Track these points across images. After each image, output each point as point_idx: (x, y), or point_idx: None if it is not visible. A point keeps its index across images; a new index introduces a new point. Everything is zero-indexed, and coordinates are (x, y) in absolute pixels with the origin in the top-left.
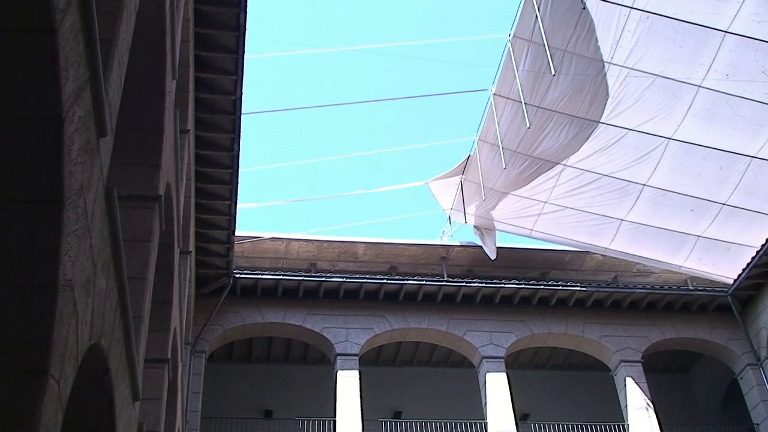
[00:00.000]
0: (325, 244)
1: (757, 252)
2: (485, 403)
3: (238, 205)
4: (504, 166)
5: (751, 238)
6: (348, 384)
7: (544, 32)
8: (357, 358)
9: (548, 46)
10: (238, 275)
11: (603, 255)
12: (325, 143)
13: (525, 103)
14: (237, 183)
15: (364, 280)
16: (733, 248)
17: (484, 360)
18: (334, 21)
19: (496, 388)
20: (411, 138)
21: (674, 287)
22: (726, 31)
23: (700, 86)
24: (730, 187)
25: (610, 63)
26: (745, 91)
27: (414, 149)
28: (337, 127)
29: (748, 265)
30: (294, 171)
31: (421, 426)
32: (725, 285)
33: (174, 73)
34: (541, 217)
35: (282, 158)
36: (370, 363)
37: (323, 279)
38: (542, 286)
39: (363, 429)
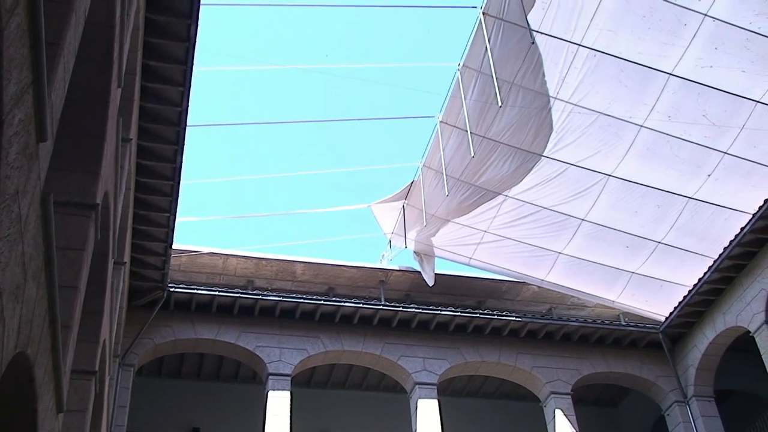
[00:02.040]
0: (263, 262)
1: (689, 291)
2: (415, 429)
3: (178, 218)
4: (447, 194)
5: (684, 277)
6: (278, 405)
7: (493, 63)
8: (289, 378)
9: (496, 78)
10: (172, 289)
11: (539, 286)
12: (270, 160)
13: (471, 133)
14: (177, 195)
15: (301, 300)
16: (666, 286)
17: (417, 386)
18: (287, 39)
19: (427, 414)
20: (356, 160)
21: (607, 322)
22: (670, 74)
23: (642, 126)
24: (666, 226)
25: (555, 98)
26: (686, 132)
27: (358, 171)
28: (282, 145)
29: (679, 303)
30: (236, 186)
31: None
32: (657, 322)
33: (120, 81)
34: (481, 245)
35: (225, 173)
36: (302, 384)
37: (259, 297)
38: (478, 315)
39: None
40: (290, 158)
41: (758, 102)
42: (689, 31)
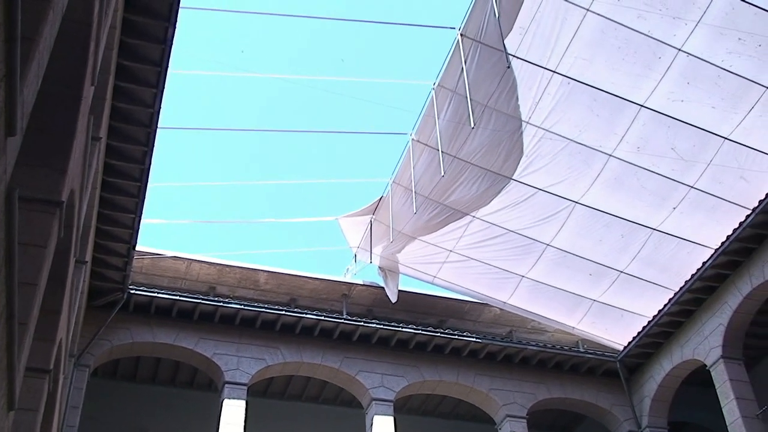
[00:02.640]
0: (226, 269)
1: (649, 322)
2: None
3: (143, 220)
4: (415, 211)
5: (645, 307)
6: (233, 414)
7: (468, 85)
8: (245, 388)
9: (470, 99)
10: (133, 291)
11: (501, 309)
12: (239, 167)
13: (442, 152)
14: (144, 197)
15: (262, 310)
16: (626, 316)
17: (374, 402)
18: (265, 47)
19: (383, 431)
20: (327, 172)
21: (566, 348)
22: (642, 105)
23: (611, 155)
24: (630, 256)
25: (527, 122)
26: (654, 165)
27: (327, 183)
28: (252, 153)
29: (639, 333)
30: (204, 191)
31: None
32: (615, 351)
33: (94, 79)
34: (446, 265)
35: (193, 177)
36: (258, 394)
37: (220, 304)
38: (438, 334)
39: None
40: (260, 166)
41: (726, 138)
42: (663, 64)
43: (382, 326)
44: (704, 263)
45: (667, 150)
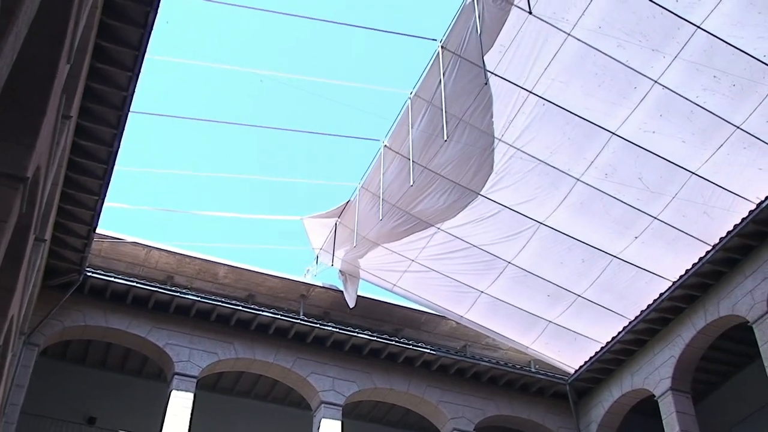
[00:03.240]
0: (186, 259)
1: (602, 348)
2: None
3: (106, 203)
4: (380, 218)
5: (599, 333)
6: (180, 405)
7: (445, 97)
8: (195, 380)
9: (446, 112)
10: (89, 273)
11: (457, 322)
12: (209, 158)
13: (413, 161)
14: (109, 180)
15: (219, 303)
16: (580, 339)
17: (323, 405)
18: (247, 42)
19: None
20: (297, 171)
21: (518, 366)
22: (613, 133)
23: (579, 179)
24: (588, 281)
25: (500, 140)
26: (620, 192)
27: (295, 183)
28: (224, 145)
29: (591, 358)
30: (171, 180)
31: None
32: (566, 373)
33: (70, 57)
34: (406, 274)
35: (161, 165)
36: (207, 388)
37: (177, 294)
38: (393, 342)
39: None
40: (230, 159)
41: (693, 173)
42: (638, 94)
43: (337, 330)
44: (661, 294)
45: (634, 179)
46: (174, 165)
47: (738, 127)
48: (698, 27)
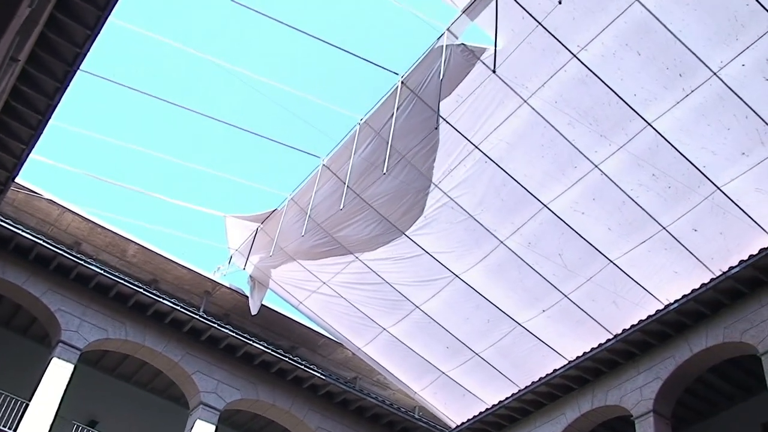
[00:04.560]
0: (98, 229)
1: (487, 409)
2: None
3: (32, 155)
4: (303, 234)
5: (487, 394)
6: (58, 375)
7: (393, 132)
8: (79, 353)
9: (390, 146)
10: None
11: (354, 353)
12: (150, 136)
13: (348, 186)
14: (41, 132)
15: (121, 281)
16: (468, 397)
17: (202, 406)
18: (224, 31)
19: None
20: (232, 168)
21: (402, 409)
22: (545, 205)
23: (502, 242)
24: (489, 342)
25: (436, 185)
26: (538, 264)
27: (227, 179)
28: (169, 127)
29: (474, 417)
30: (104, 148)
31: None
32: (447, 426)
33: (33, 1)
34: (315, 295)
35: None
36: (89, 363)
37: (81, 262)
38: (287, 359)
39: (52, 425)
40: (171, 142)
41: (611, 262)
42: (577, 174)
43: (233, 334)
44: (555, 370)
45: (554, 254)
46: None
47: (664, 228)
48: (649, 124)
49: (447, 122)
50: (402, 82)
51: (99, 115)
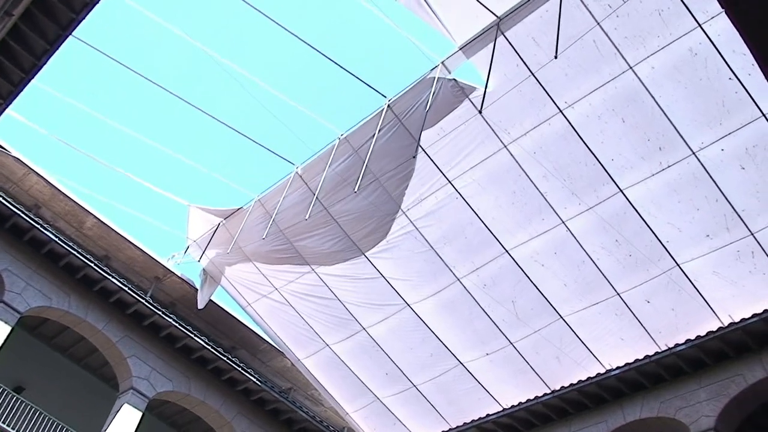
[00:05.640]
0: (60, 196)
1: None
2: (106, 429)
3: (8, 111)
4: (264, 237)
5: (417, 426)
6: None
7: (371, 152)
8: (18, 316)
9: (366, 166)
10: None
11: (293, 364)
12: (134, 116)
13: (317, 198)
14: (21, 90)
15: (74, 252)
16: (398, 426)
17: (132, 391)
18: (226, 26)
19: (126, 421)
20: (205, 159)
21: (331, 428)
22: (507, 251)
23: (459, 279)
24: (428, 376)
25: (404, 212)
26: (490, 307)
27: (200, 171)
28: (154, 109)
29: None
30: (86, 120)
31: (32, 413)
32: None
33: None
34: (265, 299)
35: (84, 101)
36: (27, 328)
37: (37, 226)
38: (225, 358)
39: None
40: (152, 125)
41: (561, 318)
42: (543, 226)
43: (176, 325)
44: (488, 415)
45: (507, 300)
46: (96, 108)
47: (618, 294)
48: (621, 191)
49: (425, 153)
50: (388, 106)
51: (87, 87)
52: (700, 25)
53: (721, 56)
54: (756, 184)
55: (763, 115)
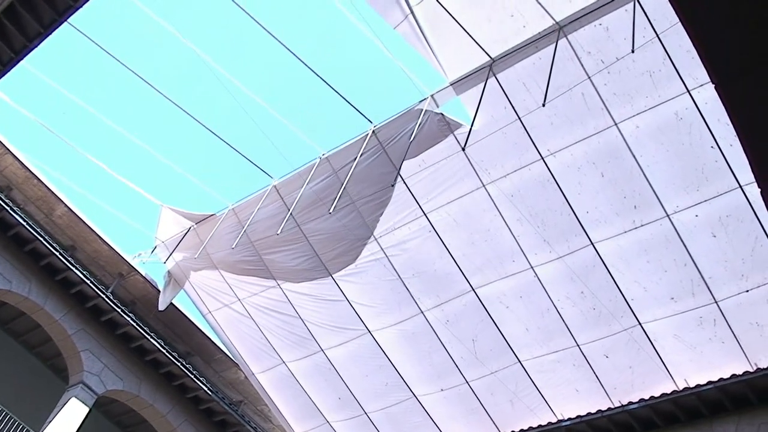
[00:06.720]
0: (34, 180)
1: None
2: (49, 420)
3: None
4: (233, 246)
5: None
6: None
7: (350, 175)
8: None
9: (344, 188)
10: None
11: (246, 377)
12: (121, 109)
13: (291, 214)
14: (9, 70)
15: (40, 238)
16: None
17: (81, 386)
18: (227, 31)
19: (71, 415)
20: (185, 161)
21: None
22: (473, 289)
23: (422, 312)
24: (381, 404)
25: (375, 239)
26: (450, 343)
27: (178, 173)
28: (141, 105)
29: None
30: (73, 109)
31: None
32: None
33: None
34: (226, 309)
35: (72, 90)
36: None
37: (7, 209)
38: (179, 364)
39: None
40: (136, 121)
41: (519, 362)
42: (512, 269)
43: (134, 324)
44: None
45: (468, 339)
46: (84, 98)
47: (578, 345)
48: (592, 244)
49: (404, 182)
50: (373, 131)
51: (80, 78)
52: (688, 91)
53: (706, 124)
54: (725, 252)
55: (740, 186)
